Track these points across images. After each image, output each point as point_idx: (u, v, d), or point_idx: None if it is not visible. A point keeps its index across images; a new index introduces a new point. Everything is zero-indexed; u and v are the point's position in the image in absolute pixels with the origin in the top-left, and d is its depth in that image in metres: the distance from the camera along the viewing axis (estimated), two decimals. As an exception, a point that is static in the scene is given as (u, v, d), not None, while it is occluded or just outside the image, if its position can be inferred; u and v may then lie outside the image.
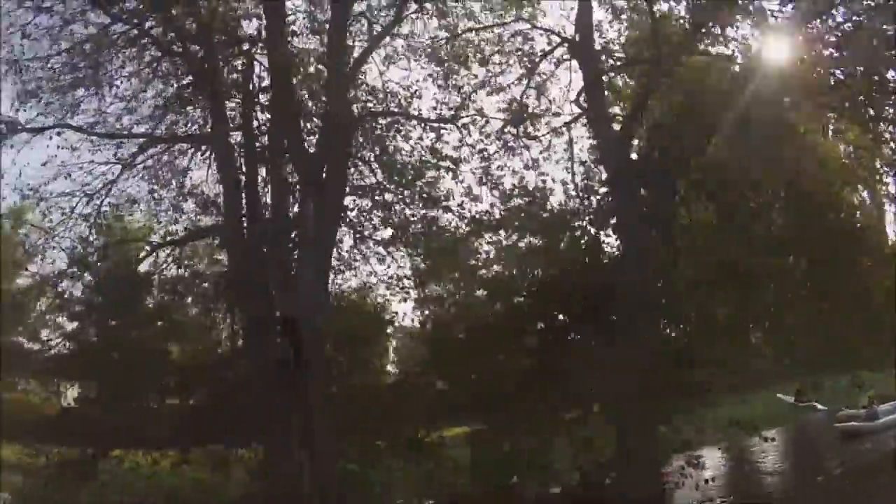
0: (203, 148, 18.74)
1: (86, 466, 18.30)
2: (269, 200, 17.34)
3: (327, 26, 17.22)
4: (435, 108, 18.48)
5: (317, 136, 16.26)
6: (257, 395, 14.75)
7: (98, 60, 17.79)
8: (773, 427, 23.42)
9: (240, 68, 17.87)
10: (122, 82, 18.14)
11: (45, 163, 18.02)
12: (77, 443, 18.55)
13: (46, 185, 18.44)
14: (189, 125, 18.46)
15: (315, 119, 16.88)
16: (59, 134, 18.23)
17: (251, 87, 17.57)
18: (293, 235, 15.57)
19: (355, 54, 17.93)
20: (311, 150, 16.02)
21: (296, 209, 16.19)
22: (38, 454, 19.17)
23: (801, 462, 22.64)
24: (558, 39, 18.81)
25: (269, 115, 17.54)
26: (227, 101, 17.16)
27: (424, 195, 17.97)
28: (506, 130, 18.47)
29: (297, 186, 15.92)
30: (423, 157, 17.93)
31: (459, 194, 18.30)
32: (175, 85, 17.97)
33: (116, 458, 18.61)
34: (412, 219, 18.30)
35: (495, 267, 19.19)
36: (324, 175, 15.35)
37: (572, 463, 17.24)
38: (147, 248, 18.42)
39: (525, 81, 18.86)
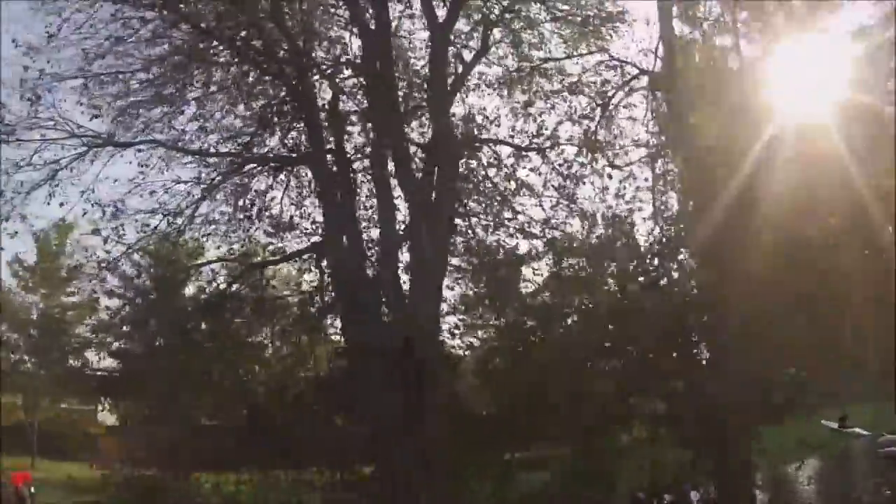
0: (279, 168, 18.93)
1: (165, 487, 18.26)
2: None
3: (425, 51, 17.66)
4: (511, 136, 19.03)
5: (419, 158, 16.52)
6: (370, 415, 14.92)
7: (185, 78, 17.87)
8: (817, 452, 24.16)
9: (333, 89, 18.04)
10: (208, 101, 18.33)
11: (131, 178, 17.97)
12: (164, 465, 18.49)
13: (122, 201, 18.24)
14: (276, 146, 18.65)
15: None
16: (139, 150, 18.25)
17: (341, 108, 17.81)
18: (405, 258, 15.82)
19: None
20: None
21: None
22: (111, 474, 19.04)
23: (849, 485, 23.24)
24: (635, 70, 19.57)
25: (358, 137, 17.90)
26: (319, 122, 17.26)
27: (508, 221, 18.34)
28: (587, 159, 18.93)
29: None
30: (509, 185, 18.37)
31: (540, 221, 18.78)
32: (267, 105, 18.11)
33: (195, 479, 18.61)
34: (492, 245, 18.61)
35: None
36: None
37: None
38: (241, 268, 18.35)
39: (604, 112, 19.44)
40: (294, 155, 18.07)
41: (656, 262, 19.05)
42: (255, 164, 18.42)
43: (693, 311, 18.44)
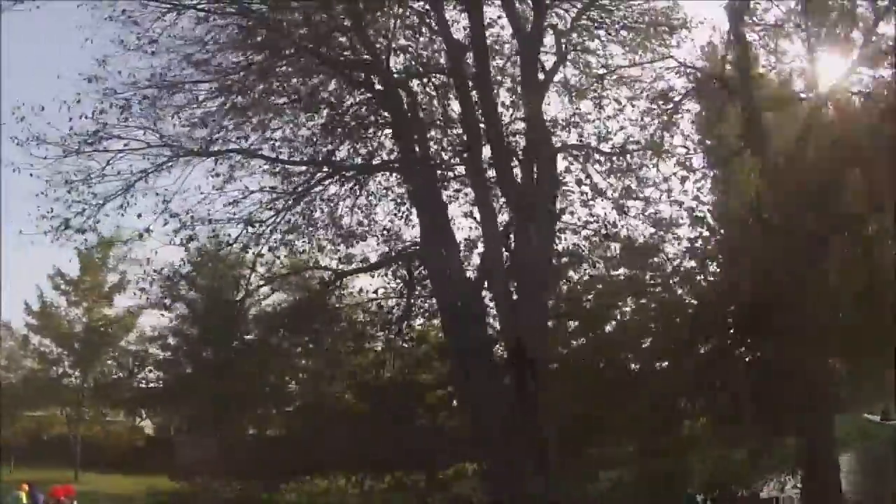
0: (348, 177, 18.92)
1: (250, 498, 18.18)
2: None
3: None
4: (581, 140, 19.23)
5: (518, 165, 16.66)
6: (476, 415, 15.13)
7: (266, 87, 17.80)
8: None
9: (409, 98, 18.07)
10: (288, 110, 18.28)
11: (213, 188, 17.74)
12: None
13: (208, 211, 17.88)
14: (350, 155, 18.69)
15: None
16: (217, 161, 18.03)
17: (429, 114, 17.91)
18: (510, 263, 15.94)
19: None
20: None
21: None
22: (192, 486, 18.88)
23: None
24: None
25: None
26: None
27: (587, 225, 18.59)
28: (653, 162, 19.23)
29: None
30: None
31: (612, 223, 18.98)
32: (347, 112, 18.13)
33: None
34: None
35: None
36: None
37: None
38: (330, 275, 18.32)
39: (672, 116, 19.76)
40: (374, 162, 18.12)
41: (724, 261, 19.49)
42: (333, 174, 18.36)
43: (761, 309, 18.82)
